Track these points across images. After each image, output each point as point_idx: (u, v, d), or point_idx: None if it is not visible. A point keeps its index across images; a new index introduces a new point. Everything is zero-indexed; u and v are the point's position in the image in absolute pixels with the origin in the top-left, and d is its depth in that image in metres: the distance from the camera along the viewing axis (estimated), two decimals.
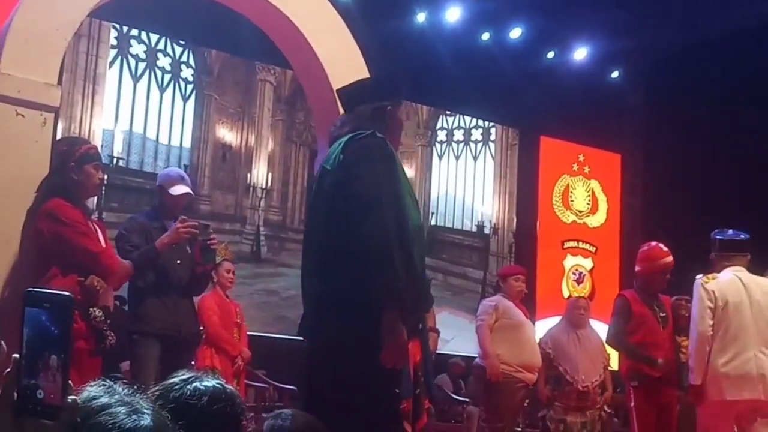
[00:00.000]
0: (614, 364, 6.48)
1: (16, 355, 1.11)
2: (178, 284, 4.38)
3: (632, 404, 5.35)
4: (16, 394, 1.09)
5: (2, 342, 1.13)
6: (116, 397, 1.17)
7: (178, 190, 4.51)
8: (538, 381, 6.14)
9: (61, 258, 3.75)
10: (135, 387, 1.26)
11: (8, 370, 1.11)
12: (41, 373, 1.09)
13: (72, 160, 3.89)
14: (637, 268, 5.56)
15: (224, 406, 1.55)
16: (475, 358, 6.21)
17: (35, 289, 1.13)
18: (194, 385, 1.57)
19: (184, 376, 1.60)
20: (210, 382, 1.59)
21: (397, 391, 3.05)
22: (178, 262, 4.39)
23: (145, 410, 1.17)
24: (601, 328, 6.79)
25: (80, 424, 1.12)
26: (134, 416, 1.15)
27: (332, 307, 3.03)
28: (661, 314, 5.43)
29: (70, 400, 1.11)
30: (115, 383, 1.22)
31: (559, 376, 6.13)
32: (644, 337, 5.35)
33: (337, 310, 3.00)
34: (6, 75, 3.97)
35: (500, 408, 5.89)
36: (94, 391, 1.18)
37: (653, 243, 5.59)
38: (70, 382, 1.11)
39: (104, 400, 1.16)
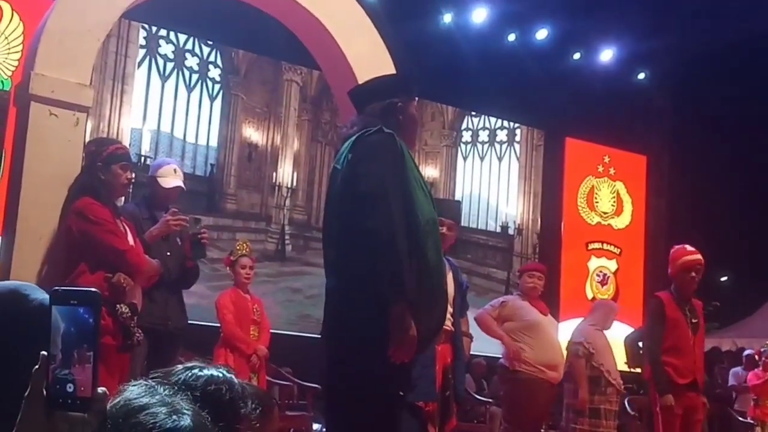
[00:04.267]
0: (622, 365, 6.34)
1: (44, 352, 1.12)
2: (167, 277, 4.29)
3: (658, 408, 5.28)
4: (45, 390, 1.11)
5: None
6: (157, 397, 1.19)
7: (170, 183, 4.43)
8: (579, 384, 5.96)
9: (89, 255, 3.77)
10: (176, 387, 1.28)
11: (36, 367, 1.13)
12: (74, 366, 1.12)
13: (99, 160, 3.92)
14: (669, 271, 5.48)
15: (218, 389, 1.57)
16: (499, 358, 6.10)
17: (61, 288, 1.15)
18: (194, 371, 1.60)
19: (188, 365, 1.63)
20: (210, 371, 1.61)
21: (401, 388, 3.05)
22: (168, 254, 4.30)
23: (186, 411, 1.18)
24: (624, 331, 6.74)
25: (121, 423, 1.14)
26: (174, 416, 1.16)
27: (342, 304, 3.05)
28: (692, 320, 5.35)
29: (99, 392, 1.13)
30: (156, 383, 1.24)
31: (598, 376, 6.00)
32: (674, 343, 5.27)
33: (347, 306, 3.02)
34: (40, 75, 4.03)
35: (523, 410, 5.69)
36: (135, 390, 1.20)
37: (683, 245, 5.47)
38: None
39: (145, 399, 1.18)
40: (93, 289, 1.16)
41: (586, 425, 6.00)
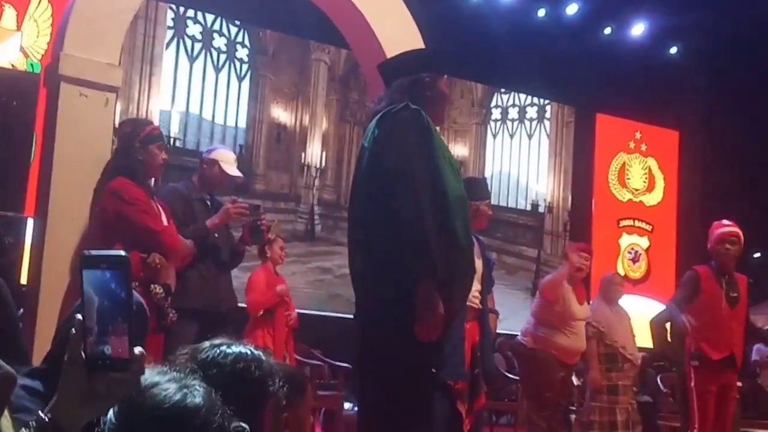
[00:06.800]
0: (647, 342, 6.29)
1: (79, 316, 1.15)
2: (217, 259, 4.33)
3: (692, 384, 5.24)
4: (83, 353, 1.15)
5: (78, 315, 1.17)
6: (167, 376, 1.22)
7: (234, 171, 4.50)
8: (590, 364, 5.96)
9: (124, 235, 3.79)
10: (204, 365, 1.28)
11: (73, 331, 1.16)
12: (110, 337, 1.14)
13: (137, 141, 3.94)
14: (708, 246, 5.40)
15: (247, 366, 1.56)
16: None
17: (91, 252, 1.17)
18: (221, 348, 1.59)
19: (215, 341, 1.62)
20: (238, 348, 1.60)
21: (433, 365, 3.03)
22: (216, 236, 4.33)
23: (197, 388, 1.21)
24: (657, 308, 6.67)
25: (134, 399, 1.18)
26: (185, 390, 1.20)
27: (371, 282, 3.03)
28: (731, 294, 5.29)
29: (136, 352, 1.16)
30: (167, 367, 1.26)
31: (613, 353, 5.99)
32: (709, 317, 5.22)
33: (375, 284, 3.00)
34: (69, 56, 4.05)
35: (543, 388, 5.63)
36: (147, 373, 1.22)
37: (723, 220, 5.42)
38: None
39: (156, 378, 1.21)
40: (122, 253, 1.18)
41: (605, 402, 6.01)
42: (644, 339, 6.20)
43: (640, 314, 6.57)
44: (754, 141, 10.54)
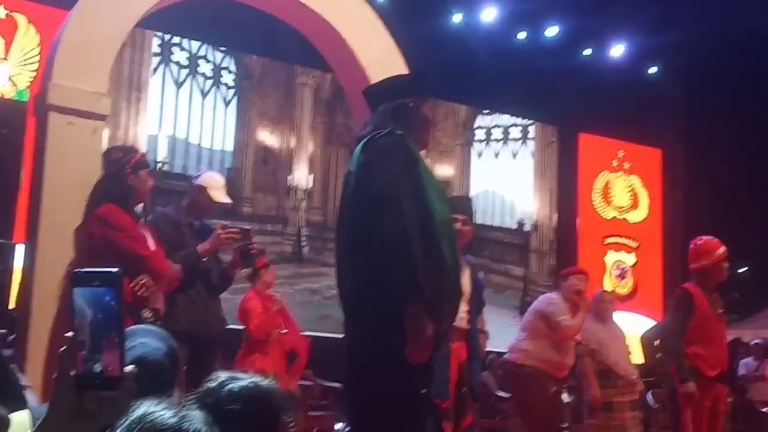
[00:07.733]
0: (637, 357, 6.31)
1: (70, 334, 1.15)
2: (206, 282, 4.38)
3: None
4: (73, 371, 1.15)
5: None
6: (160, 406, 1.19)
7: (221, 198, 4.51)
8: (589, 383, 6.00)
9: (112, 260, 3.82)
10: (217, 404, 1.30)
11: (63, 348, 1.16)
12: (103, 352, 1.14)
13: (129, 167, 3.98)
14: (695, 264, 5.27)
15: (259, 406, 1.56)
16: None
17: (83, 270, 1.17)
18: (229, 387, 1.58)
19: (220, 380, 1.60)
20: (244, 382, 1.59)
21: (423, 386, 3.07)
22: (204, 259, 4.37)
23: (195, 413, 1.19)
24: (645, 323, 6.72)
25: (132, 426, 1.15)
26: (182, 413, 1.18)
27: (359, 304, 3.07)
28: (718, 310, 5.32)
29: (128, 370, 1.16)
30: (158, 403, 1.23)
31: (607, 371, 6.00)
32: (705, 334, 5.20)
33: (363, 306, 3.03)
34: (58, 86, 4.11)
35: (533, 405, 5.60)
36: (136, 409, 1.20)
37: (705, 237, 5.31)
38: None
39: (150, 409, 1.18)
40: (114, 269, 1.18)
41: (602, 419, 6.00)
42: (634, 355, 6.26)
43: (629, 331, 6.61)
44: (735, 156, 10.67)
